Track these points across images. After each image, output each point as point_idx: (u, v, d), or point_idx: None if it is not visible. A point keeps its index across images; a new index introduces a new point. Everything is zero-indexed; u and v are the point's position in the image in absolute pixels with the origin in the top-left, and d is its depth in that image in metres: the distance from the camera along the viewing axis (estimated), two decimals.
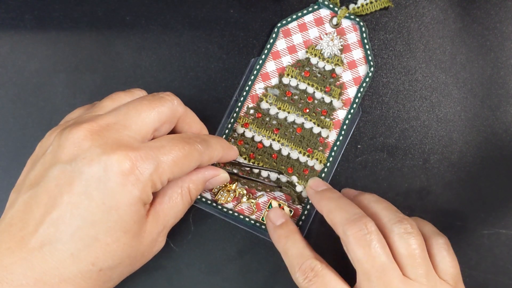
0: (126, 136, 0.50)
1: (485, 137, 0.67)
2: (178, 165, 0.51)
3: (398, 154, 0.66)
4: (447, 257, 0.57)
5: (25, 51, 0.65)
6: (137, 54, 0.66)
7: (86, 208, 0.47)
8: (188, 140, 0.53)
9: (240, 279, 0.64)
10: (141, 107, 0.52)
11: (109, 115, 0.51)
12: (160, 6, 0.66)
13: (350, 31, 0.66)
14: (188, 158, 0.52)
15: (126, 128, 0.50)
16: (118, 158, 0.47)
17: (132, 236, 0.49)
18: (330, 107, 0.65)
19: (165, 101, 0.54)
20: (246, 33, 0.67)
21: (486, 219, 0.67)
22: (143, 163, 0.48)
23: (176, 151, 0.51)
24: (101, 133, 0.49)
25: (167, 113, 0.54)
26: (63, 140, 0.49)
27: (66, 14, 0.66)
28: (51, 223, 0.46)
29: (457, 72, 0.67)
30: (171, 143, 0.51)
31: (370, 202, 0.59)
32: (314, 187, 0.62)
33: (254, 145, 0.64)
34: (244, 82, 0.65)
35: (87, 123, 0.49)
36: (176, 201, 0.55)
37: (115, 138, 0.49)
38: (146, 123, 0.52)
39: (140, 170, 0.48)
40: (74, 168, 0.47)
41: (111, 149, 0.47)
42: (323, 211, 0.59)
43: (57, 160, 0.48)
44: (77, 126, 0.49)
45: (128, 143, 0.49)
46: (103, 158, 0.47)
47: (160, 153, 0.50)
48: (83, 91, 0.65)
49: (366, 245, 0.53)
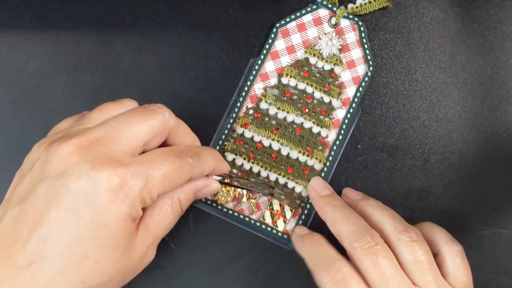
0: (116, 150, 0.49)
1: (485, 137, 0.67)
2: (168, 180, 0.50)
3: (398, 154, 0.66)
4: (462, 264, 0.57)
5: (24, 51, 0.65)
6: (137, 54, 0.66)
7: (74, 225, 0.46)
8: (179, 154, 0.52)
9: (240, 279, 0.64)
10: (132, 120, 0.51)
11: (98, 128, 0.50)
12: (160, 6, 0.66)
13: (349, 31, 0.66)
14: (179, 172, 0.51)
15: (115, 142, 0.49)
16: (107, 174, 0.46)
17: (122, 252, 0.49)
18: (329, 107, 0.65)
19: (156, 114, 0.53)
20: (245, 33, 0.67)
21: (487, 219, 0.67)
22: (132, 179, 0.47)
23: (166, 166, 0.50)
24: (89, 148, 0.48)
25: (158, 126, 0.52)
26: (50, 155, 0.48)
27: (66, 14, 0.66)
28: (39, 240, 0.45)
29: (457, 72, 0.67)
30: (162, 158, 0.50)
31: (374, 209, 0.59)
32: (318, 189, 0.62)
33: (254, 145, 0.64)
34: (243, 82, 0.65)
35: (75, 137, 0.48)
36: (166, 212, 0.54)
37: (104, 152, 0.48)
38: (136, 136, 0.50)
39: (130, 186, 0.47)
40: (62, 183, 0.46)
41: (99, 164, 0.46)
42: (327, 219, 0.59)
43: (44, 175, 0.47)
44: (65, 140, 0.48)
45: (117, 158, 0.48)
46: (91, 174, 0.46)
47: (150, 168, 0.49)
48: (83, 91, 0.65)
49: (374, 257, 0.53)
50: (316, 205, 0.62)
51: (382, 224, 0.57)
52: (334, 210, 0.59)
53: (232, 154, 0.64)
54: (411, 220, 0.59)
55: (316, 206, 0.62)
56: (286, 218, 0.64)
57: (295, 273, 0.64)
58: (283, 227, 0.64)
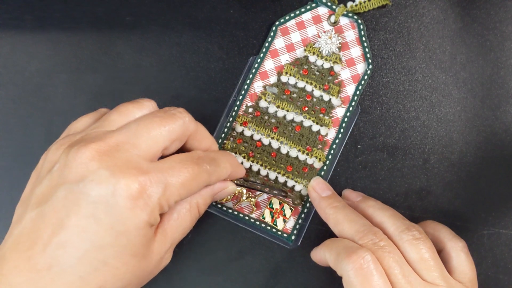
0: (136, 156, 0.48)
1: (485, 137, 0.67)
2: (186, 187, 0.50)
3: (398, 154, 0.66)
4: (466, 260, 0.57)
5: (26, 51, 0.66)
6: (138, 54, 0.66)
7: (94, 232, 0.46)
8: (197, 160, 0.52)
9: (240, 279, 0.64)
10: (152, 125, 0.51)
11: (118, 133, 0.50)
12: (160, 6, 0.66)
13: (348, 29, 0.66)
14: (197, 180, 0.51)
15: (135, 147, 0.49)
16: (127, 181, 0.46)
17: (141, 258, 0.49)
18: (329, 105, 0.65)
19: (177, 119, 0.52)
20: (246, 33, 0.67)
21: (486, 219, 0.67)
22: (151, 187, 0.47)
23: (185, 174, 0.50)
24: (110, 154, 0.47)
25: (178, 131, 0.52)
26: (70, 160, 0.47)
27: (67, 14, 0.66)
28: (59, 245, 0.45)
29: (457, 72, 0.67)
30: (181, 165, 0.50)
31: (375, 210, 0.59)
32: (318, 190, 0.62)
33: (253, 143, 0.64)
34: (242, 80, 0.65)
35: (95, 142, 0.48)
36: (184, 217, 0.54)
37: (124, 159, 0.48)
38: (156, 141, 0.50)
39: (149, 194, 0.47)
40: (82, 189, 0.46)
41: (120, 171, 0.46)
42: (329, 221, 0.59)
43: (64, 179, 0.47)
44: (85, 144, 0.48)
45: (137, 165, 0.48)
46: (111, 181, 0.46)
47: (169, 176, 0.49)
48: (84, 91, 0.65)
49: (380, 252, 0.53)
50: (317, 206, 0.62)
51: (384, 224, 0.57)
52: (335, 212, 0.59)
53: (231, 153, 0.64)
54: (412, 220, 0.59)
55: (317, 207, 0.62)
56: (286, 216, 0.64)
57: (295, 272, 0.64)
58: (282, 225, 0.64)
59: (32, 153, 0.65)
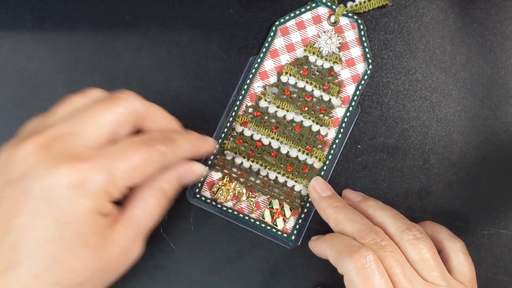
0: (77, 145, 0.47)
1: (485, 137, 0.67)
2: (138, 171, 0.49)
3: (398, 154, 0.66)
4: (465, 260, 0.58)
5: (25, 51, 0.65)
6: (137, 54, 0.66)
7: (40, 228, 0.45)
8: (149, 141, 0.51)
9: (240, 279, 0.64)
10: (95, 111, 0.50)
11: (59, 124, 0.49)
12: (160, 6, 0.66)
13: (348, 29, 0.66)
14: (149, 162, 0.50)
15: (77, 136, 0.48)
16: (65, 171, 0.45)
17: (95, 249, 0.47)
18: (329, 105, 0.65)
19: (121, 101, 0.51)
20: (245, 33, 0.67)
21: (486, 219, 0.67)
22: (93, 174, 0.46)
23: (134, 156, 0.48)
24: (49, 146, 0.47)
25: (125, 114, 0.51)
26: (11, 157, 0.47)
27: (66, 14, 0.66)
28: (10, 246, 0.45)
29: (457, 72, 0.67)
30: (129, 148, 0.49)
31: (375, 210, 0.60)
32: (319, 190, 0.62)
33: (253, 143, 0.64)
34: (242, 80, 0.65)
35: (35, 136, 0.47)
36: (149, 203, 0.52)
37: (64, 149, 0.47)
38: (100, 127, 0.49)
39: (92, 181, 0.46)
40: (24, 186, 0.45)
41: (59, 161, 0.45)
42: (329, 221, 0.59)
43: (7, 179, 0.46)
44: (25, 140, 0.47)
45: (78, 154, 0.47)
46: (50, 172, 0.45)
47: (115, 160, 0.47)
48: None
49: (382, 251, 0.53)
50: (317, 206, 0.62)
51: (384, 224, 0.57)
52: (336, 212, 0.59)
53: (231, 153, 0.64)
54: (411, 220, 0.59)
55: (317, 207, 0.62)
56: (286, 216, 0.64)
57: (295, 272, 0.64)
58: (282, 225, 0.64)
59: None
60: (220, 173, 0.64)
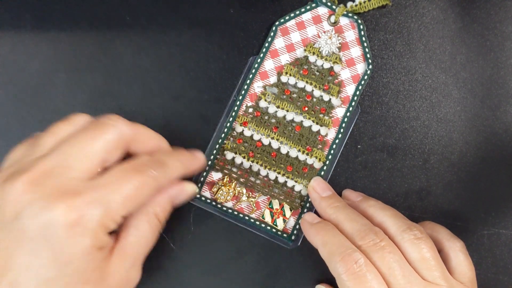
0: (69, 179, 0.47)
1: (485, 137, 0.67)
2: (132, 199, 0.48)
3: (398, 154, 0.66)
4: (465, 260, 0.58)
5: (25, 51, 0.66)
6: (137, 54, 0.66)
7: (39, 267, 0.44)
8: (140, 167, 0.50)
9: (240, 279, 0.64)
10: (83, 141, 0.49)
11: (48, 157, 0.48)
12: (160, 6, 0.66)
13: (348, 29, 0.66)
14: (142, 189, 0.49)
15: (68, 169, 0.47)
16: (62, 209, 0.44)
17: (95, 284, 0.47)
18: (329, 105, 0.65)
19: (109, 127, 0.50)
20: (245, 33, 0.67)
21: (486, 219, 0.67)
22: (89, 209, 0.45)
23: (127, 186, 0.48)
24: (41, 182, 0.46)
25: (113, 140, 0.50)
26: (4, 197, 0.46)
27: (67, 14, 0.66)
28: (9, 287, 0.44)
29: (457, 72, 0.67)
30: (121, 177, 0.48)
31: (376, 210, 0.60)
32: (319, 190, 0.62)
33: (253, 143, 0.64)
34: (242, 80, 0.65)
35: (26, 172, 0.46)
36: (143, 230, 0.52)
37: (56, 185, 0.46)
38: (90, 157, 0.48)
39: (88, 218, 0.45)
40: (19, 226, 0.45)
41: (53, 199, 0.45)
42: (329, 221, 0.59)
43: (1, 220, 0.46)
44: (16, 177, 0.46)
45: (71, 189, 0.46)
46: (45, 211, 0.44)
47: (109, 192, 0.47)
48: (83, 91, 0.65)
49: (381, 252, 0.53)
50: (317, 206, 0.62)
51: (385, 224, 0.57)
52: (336, 212, 0.59)
53: (231, 153, 0.64)
54: (411, 220, 0.59)
55: (317, 207, 0.62)
56: (286, 217, 0.64)
57: (295, 272, 0.64)
58: (282, 226, 0.64)
59: None
60: (220, 173, 0.64)
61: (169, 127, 0.65)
